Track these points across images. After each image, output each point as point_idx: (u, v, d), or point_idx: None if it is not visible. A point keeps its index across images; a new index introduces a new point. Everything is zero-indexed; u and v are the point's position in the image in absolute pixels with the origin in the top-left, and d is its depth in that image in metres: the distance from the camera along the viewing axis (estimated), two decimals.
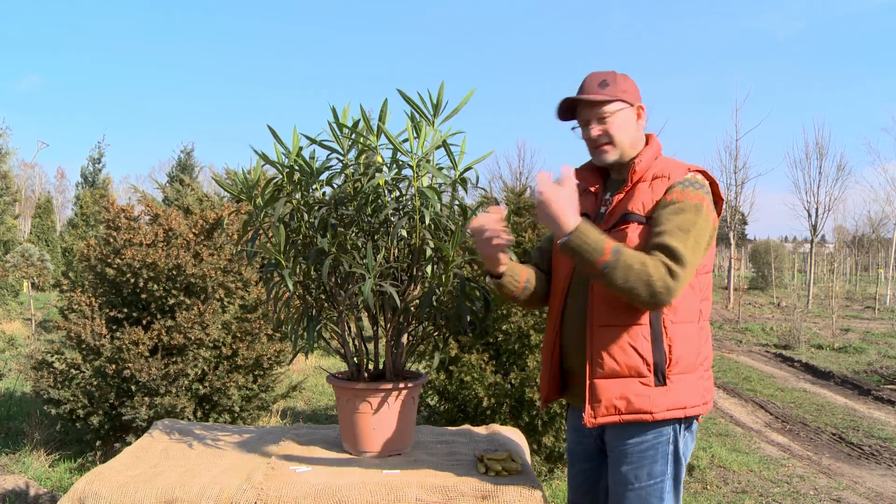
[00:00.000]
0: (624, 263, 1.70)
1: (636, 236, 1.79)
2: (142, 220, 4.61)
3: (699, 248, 1.76)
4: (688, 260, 1.72)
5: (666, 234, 1.74)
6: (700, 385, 1.83)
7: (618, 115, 1.89)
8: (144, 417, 4.03)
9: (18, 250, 10.70)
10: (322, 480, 1.90)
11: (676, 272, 1.70)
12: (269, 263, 2.17)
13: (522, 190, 4.88)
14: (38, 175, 44.43)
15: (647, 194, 1.83)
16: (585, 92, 1.90)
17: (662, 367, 1.77)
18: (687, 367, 1.80)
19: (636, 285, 1.69)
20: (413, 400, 2.21)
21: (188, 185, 6.81)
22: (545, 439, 4.11)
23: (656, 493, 1.81)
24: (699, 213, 1.77)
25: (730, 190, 20.54)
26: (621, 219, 1.83)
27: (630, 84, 1.92)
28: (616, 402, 1.78)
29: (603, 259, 1.70)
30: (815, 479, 4.67)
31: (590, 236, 1.72)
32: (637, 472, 1.81)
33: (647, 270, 1.69)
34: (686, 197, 1.78)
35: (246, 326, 4.49)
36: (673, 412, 1.78)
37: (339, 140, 2.18)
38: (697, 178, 1.83)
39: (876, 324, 15.33)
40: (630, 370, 1.77)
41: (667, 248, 1.72)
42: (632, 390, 1.77)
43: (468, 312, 2.07)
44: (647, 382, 1.77)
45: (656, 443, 1.80)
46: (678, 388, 1.78)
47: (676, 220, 1.75)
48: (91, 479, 1.91)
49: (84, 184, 23.66)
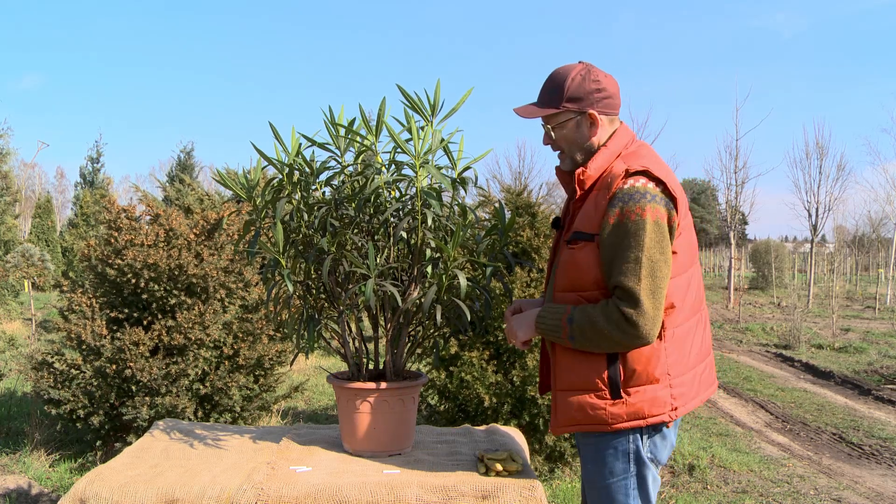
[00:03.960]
0: (579, 330, 1.76)
1: (584, 256, 1.78)
2: (143, 220, 4.61)
3: (658, 270, 1.69)
4: (645, 296, 1.68)
5: (617, 272, 1.71)
6: (665, 394, 1.78)
7: (564, 127, 1.86)
8: (145, 417, 4.03)
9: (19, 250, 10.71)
10: (322, 480, 1.90)
11: (631, 317, 1.68)
12: (269, 263, 2.17)
13: (522, 190, 4.88)
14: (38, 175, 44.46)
15: (592, 208, 1.78)
16: (538, 98, 1.90)
17: (617, 383, 1.77)
18: (646, 379, 1.77)
19: (604, 345, 1.75)
20: (413, 400, 2.21)
21: (189, 184, 6.81)
22: (546, 438, 4.11)
23: (621, 490, 1.82)
24: (641, 233, 1.69)
25: (730, 190, 20.54)
26: (574, 236, 1.81)
27: (587, 85, 1.83)
28: (574, 413, 1.82)
29: (564, 334, 1.79)
30: (815, 479, 4.67)
31: (545, 322, 1.83)
32: (600, 469, 1.84)
33: (604, 334, 1.72)
34: (627, 216, 1.70)
35: (247, 327, 4.49)
36: (631, 423, 1.78)
37: (335, 140, 2.19)
38: (637, 186, 1.72)
39: (876, 323, 15.32)
40: (587, 384, 1.80)
41: (622, 289, 1.70)
42: (588, 403, 1.80)
43: (468, 312, 2.07)
44: (602, 396, 1.78)
45: (615, 442, 1.81)
46: (637, 400, 1.77)
47: (621, 252, 1.70)
48: (91, 478, 1.91)
49: (83, 184, 23.69)
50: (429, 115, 2.06)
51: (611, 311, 1.70)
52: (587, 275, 1.78)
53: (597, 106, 1.84)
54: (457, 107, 2.08)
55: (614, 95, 1.87)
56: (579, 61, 1.88)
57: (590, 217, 1.78)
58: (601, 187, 1.79)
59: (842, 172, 20.38)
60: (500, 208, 2.14)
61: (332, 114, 2.18)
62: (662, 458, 1.86)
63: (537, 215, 4.58)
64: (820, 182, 20.26)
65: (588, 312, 1.74)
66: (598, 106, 1.84)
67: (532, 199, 4.76)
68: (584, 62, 1.87)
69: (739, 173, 20.13)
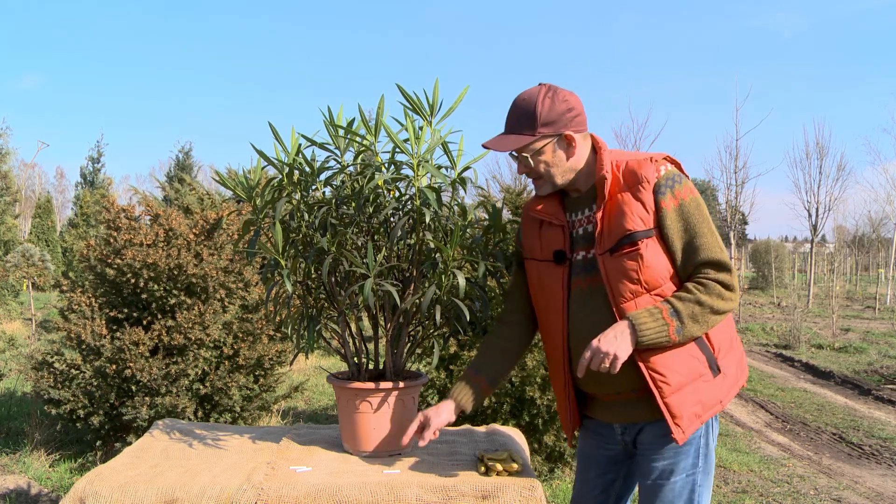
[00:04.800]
0: (689, 317, 1.73)
1: (650, 253, 1.75)
2: (142, 220, 4.61)
3: (721, 240, 1.80)
4: (727, 260, 1.77)
5: (700, 248, 1.75)
6: (739, 355, 1.90)
7: (543, 153, 1.83)
8: (145, 417, 4.03)
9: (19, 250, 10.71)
10: (322, 480, 1.90)
11: (732, 284, 1.75)
12: (269, 263, 2.17)
13: (522, 189, 4.88)
14: (37, 175, 44.47)
15: (637, 206, 1.76)
16: (508, 126, 1.85)
17: (713, 359, 1.81)
18: (727, 347, 1.85)
19: (711, 322, 1.76)
20: (413, 400, 2.21)
21: (189, 184, 6.81)
22: (546, 438, 4.11)
23: (688, 485, 1.84)
24: (701, 208, 1.78)
25: (730, 190, 20.51)
26: (624, 240, 1.76)
27: (557, 106, 1.80)
28: (694, 408, 1.79)
29: (671, 329, 1.73)
30: (815, 479, 4.67)
31: (647, 327, 1.72)
32: (674, 465, 1.83)
33: (714, 308, 1.74)
34: (682, 197, 1.76)
35: (247, 327, 4.49)
36: (734, 390, 1.86)
37: (335, 140, 2.19)
38: (671, 170, 1.79)
39: (876, 323, 15.32)
40: (692, 375, 1.79)
41: (712, 263, 1.75)
42: (703, 392, 1.80)
43: (468, 312, 2.07)
44: (708, 379, 1.80)
45: (692, 437, 1.83)
46: (729, 371, 1.84)
47: (695, 229, 1.76)
48: (91, 478, 1.91)
49: (84, 184, 23.69)
50: (427, 114, 2.05)
51: (712, 287, 1.74)
52: (661, 269, 1.77)
53: (570, 126, 1.82)
54: (454, 105, 2.07)
55: (582, 112, 1.86)
56: (539, 83, 1.85)
57: (640, 214, 1.76)
58: (634, 184, 1.78)
59: (842, 172, 20.38)
60: (495, 209, 2.14)
61: (331, 114, 2.18)
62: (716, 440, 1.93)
63: None
64: (820, 182, 20.27)
65: (687, 298, 1.74)
66: (571, 126, 1.82)
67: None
68: (544, 83, 1.85)
69: (739, 173, 20.10)
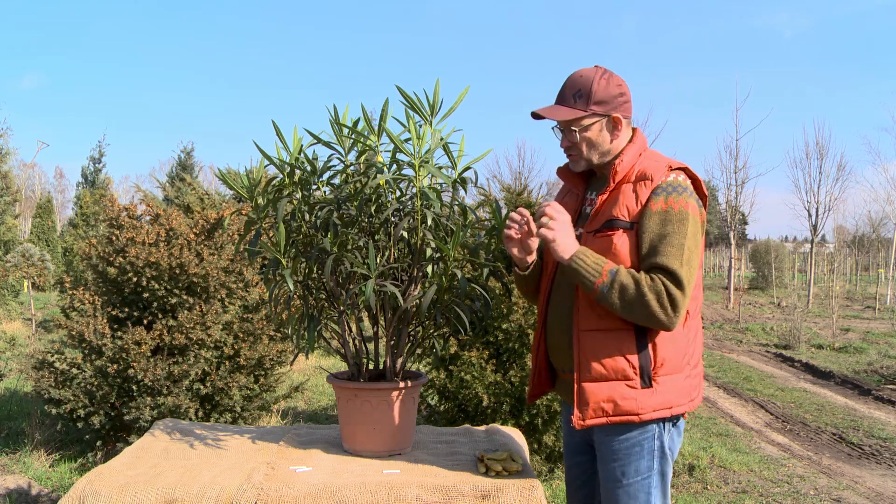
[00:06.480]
0: (619, 286, 1.73)
1: (622, 243, 1.80)
2: (143, 219, 4.61)
3: (693, 260, 1.76)
4: (686, 281, 1.73)
5: (661, 253, 1.74)
6: (687, 384, 1.85)
7: (589, 129, 1.88)
8: (148, 418, 4.03)
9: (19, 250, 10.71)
10: (322, 480, 1.90)
11: (677, 299, 1.72)
12: (270, 263, 2.17)
13: (522, 189, 4.88)
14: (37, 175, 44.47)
15: (630, 198, 1.81)
16: (561, 98, 1.90)
17: (648, 370, 1.79)
18: (673, 367, 1.81)
19: (635, 311, 1.73)
20: (413, 400, 2.21)
21: (189, 183, 6.81)
22: (545, 438, 4.11)
23: (644, 489, 1.83)
24: (685, 223, 1.76)
25: (730, 190, 20.54)
26: (606, 224, 1.83)
27: (611, 89, 1.87)
28: (603, 404, 1.80)
29: (600, 281, 1.75)
30: (815, 479, 4.67)
31: (587, 258, 1.76)
32: (624, 468, 1.83)
33: (644, 301, 1.71)
34: (671, 205, 1.77)
35: (248, 327, 4.49)
36: (660, 412, 1.80)
37: (340, 139, 2.18)
38: (679, 180, 1.80)
39: (876, 324, 15.32)
40: (616, 373, 1.79)
41: (666, 271, 1.73)
42: (618, 393, 1.79)
43: (468, 312, 2.07)
44: (633, 385, 1.79)
45: (642, 439, 1.82)
46: (665, 389, 1.80)
47: (667, 236, 1.75)
48: (91, 478, 1.91)
49: (84, 184, 23.69)
50: (428, 114, 2.06)
51: (657, 285, 1.73)
52: (622, 261, 1.79)
53: (620, 110, 1.88)
54: (455, 105, 2.08)
55: (630, 100, 1.92)
56: (595, 66, 1.91)
57: (628, 205, 1.81)
58: (638, 179, 1.82)
59: (842, 172, 20.42)
60: (497, 208, 2.14)
61: (336, 112, 2.17)
62: (676, 452, 1.90)
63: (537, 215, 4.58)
64: (820, 182, 20.29)
65: (634, 275, 1.75)
66: (620, 110, 1.89)
67: (532, 199, 4.77)
68: (599, 66, 1.90)
69: (739, 173, 20.14)
